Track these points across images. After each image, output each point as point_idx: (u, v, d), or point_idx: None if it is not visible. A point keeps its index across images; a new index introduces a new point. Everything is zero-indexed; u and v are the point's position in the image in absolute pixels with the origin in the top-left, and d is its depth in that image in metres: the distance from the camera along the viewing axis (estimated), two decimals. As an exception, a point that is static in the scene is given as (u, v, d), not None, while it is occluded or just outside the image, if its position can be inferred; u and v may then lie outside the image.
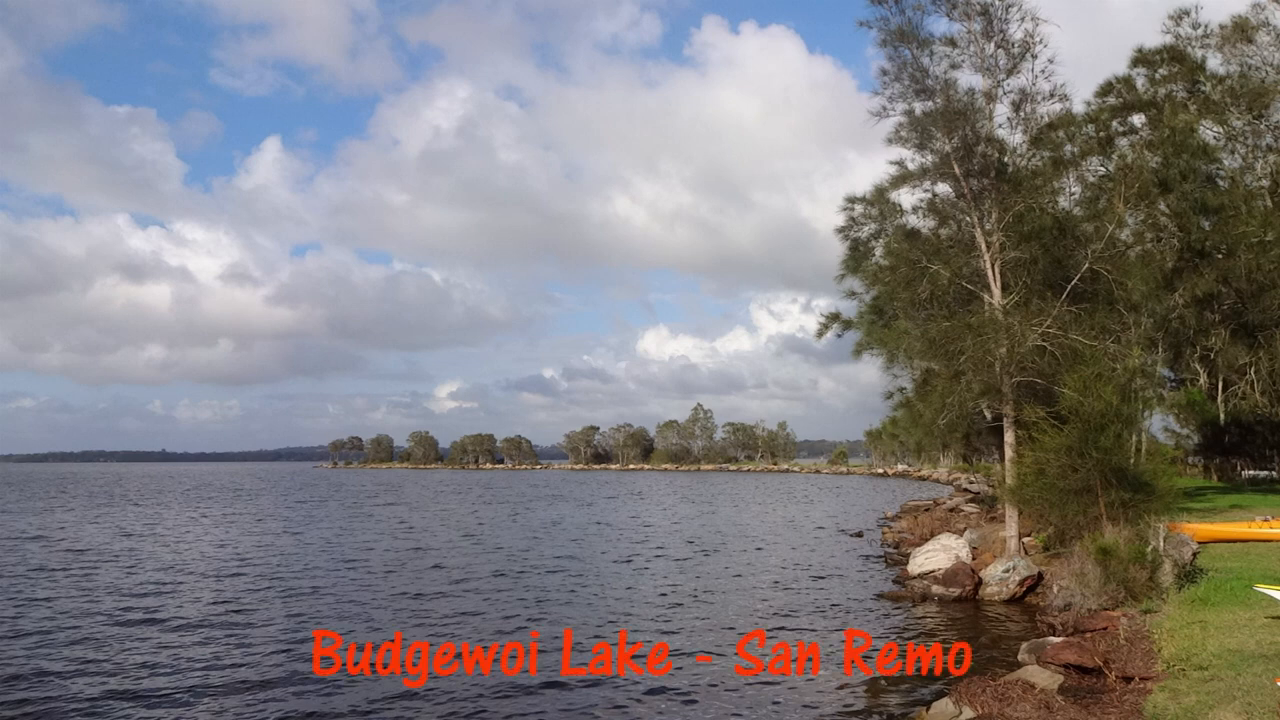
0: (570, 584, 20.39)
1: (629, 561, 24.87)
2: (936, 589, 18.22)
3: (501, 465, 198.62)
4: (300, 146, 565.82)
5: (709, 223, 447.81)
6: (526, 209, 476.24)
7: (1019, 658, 11.61)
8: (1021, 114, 19.92)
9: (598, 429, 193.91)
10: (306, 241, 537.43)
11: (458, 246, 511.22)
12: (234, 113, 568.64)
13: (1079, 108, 22.45)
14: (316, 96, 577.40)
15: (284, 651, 13.46)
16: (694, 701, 10.91)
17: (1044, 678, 9.76)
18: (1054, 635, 12.59)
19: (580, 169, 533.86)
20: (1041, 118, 20.14)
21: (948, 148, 19.44)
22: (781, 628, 15.40)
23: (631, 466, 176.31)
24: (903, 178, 20.85)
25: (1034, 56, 19.38)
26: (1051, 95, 19.73)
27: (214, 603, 17.80)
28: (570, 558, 25.70)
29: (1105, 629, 12.26)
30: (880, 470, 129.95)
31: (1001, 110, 19.85)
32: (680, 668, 12.58)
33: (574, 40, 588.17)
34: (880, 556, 25.63)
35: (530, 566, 23.59)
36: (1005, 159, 19.81)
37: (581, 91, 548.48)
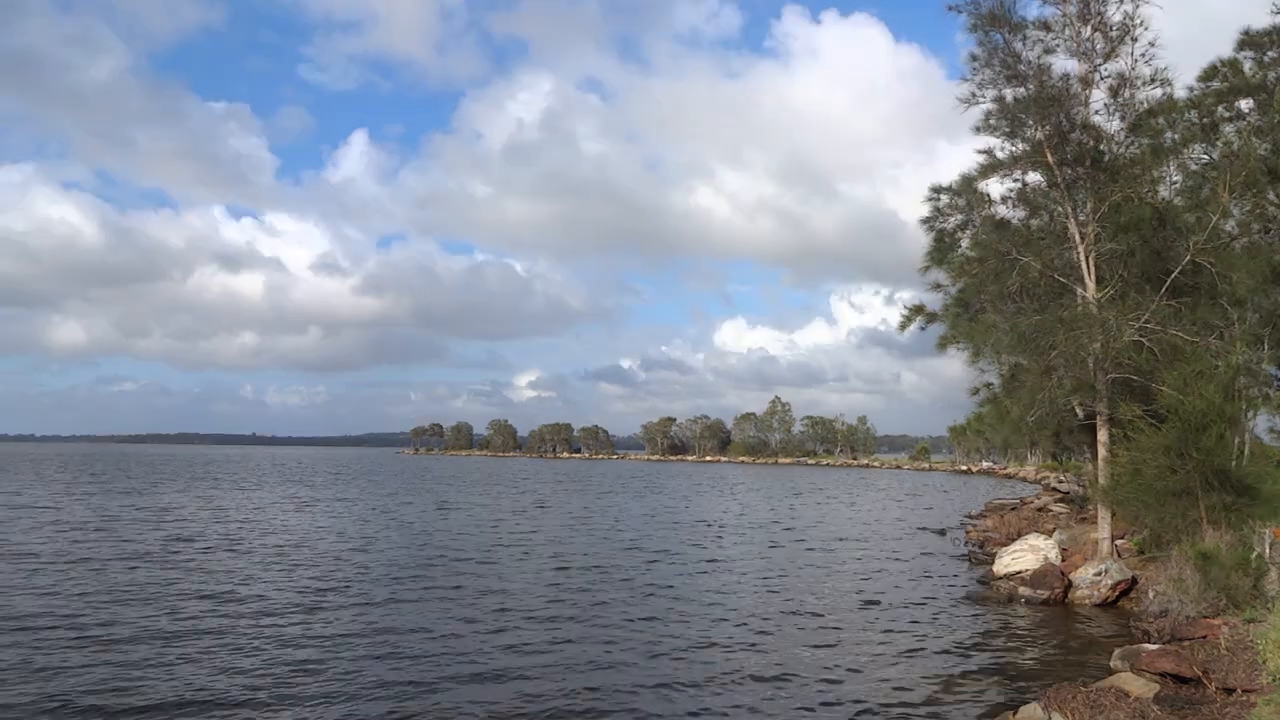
0: (676, 575, 20.50)
1: (706, 557, 24.90)
2: (1023, 590, 17.76)
3: (579, 455, 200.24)
4: (387, 140, 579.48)
5: (792, 213, 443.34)
6: (608, 200, 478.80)
7: (1111, 664, 11.23)
8: (1119, 100, 19.15)
9: (674, 420, 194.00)
10: (392, 233, 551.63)
11: (539, 237, 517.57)
12: (322, 107, 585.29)
13: (1181, 93, 21.46)
14: (403, 91, 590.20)
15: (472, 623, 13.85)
16: (775, 695, 10.86)
17: (1139, 686, 9.43)
18: (1149, 642, 12.16)
19: (662, 160, 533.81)
20: (1140, 104, 19.31)
21: (1040, 135, 18.87)
22: (864, 626, 15.24)
23: (708, 458, 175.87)
24: (992, 167, 20.30)
25: (1133, 40, 18.62)
26: (1152, 80, 18.92)
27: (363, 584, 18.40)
28: (669, 551, 25.83)
29: (1204, 637, 11.78)
30: (964, 467, 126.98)
31: (1098, 96, 19.13)
32: (760, 659, 12.56)
33: (655, 32, 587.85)
34: (964, 556, 25.11)
35: (633, 561, 23.78)
36: (1101, 147, 19.10)
37: (663, 83, 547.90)
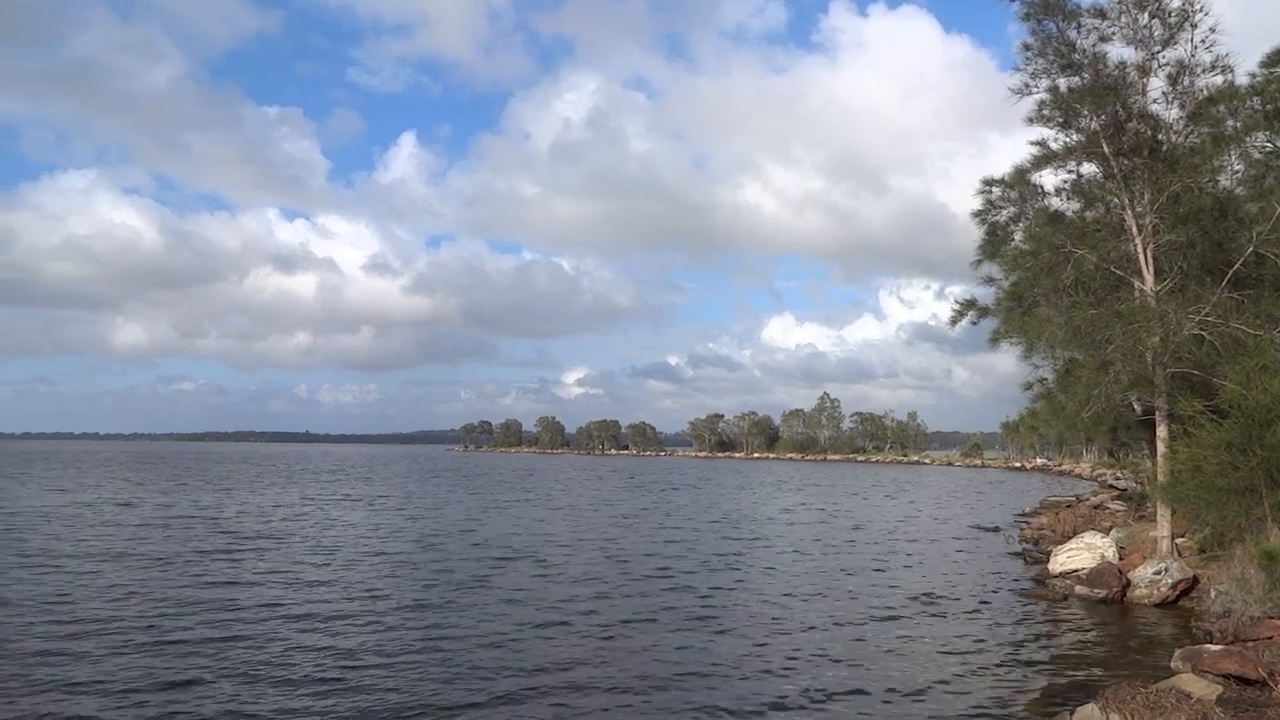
0: (737, 577, 20.54)
1: (745, 549, 24.85)
2: (1080, 589, 17.48)
3: (626, 452, 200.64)
4: (435, 142, 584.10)
5: (840, 208, 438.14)
6: (655, 198, 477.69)
7: (1172, 665, 11.01)
8: (1178, 88, 18.69)
9: (722, 417, 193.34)
10: (442, 233, 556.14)
11: (587, 236, 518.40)
12: (372, 110, 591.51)
13: (1243, 79, 20.82)
14: (452, 93, 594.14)
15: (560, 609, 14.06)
16: (828, 691, 10.84)
17: (1200, 687, 9.25)
18: (1211, 643, 11.90)
19: (709, 157, 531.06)
20: (1200, 91, 18.82)
21: (1095, 125, 18.49)
22: (916, 624, 15.14)
23: (756, 455, 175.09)
24: (1045, 158, 19.94)
25: (1193, 26, 18.16)
26: (1213, 67, 18.43)
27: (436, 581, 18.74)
28: (735, 555, 25.85)
29: (1270, 639, 11.50)
30: (1017, 464, 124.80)
31: (1156, 84, 18.69)
32: (815, 656, 12.53)
33: (701, 29, 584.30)
34: (1018, 554, 24.77)
35: (696, 560, 23.86)
36: (1160, 136, 18.66)
37: (709, 80, 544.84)
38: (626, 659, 12.39)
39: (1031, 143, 19.88)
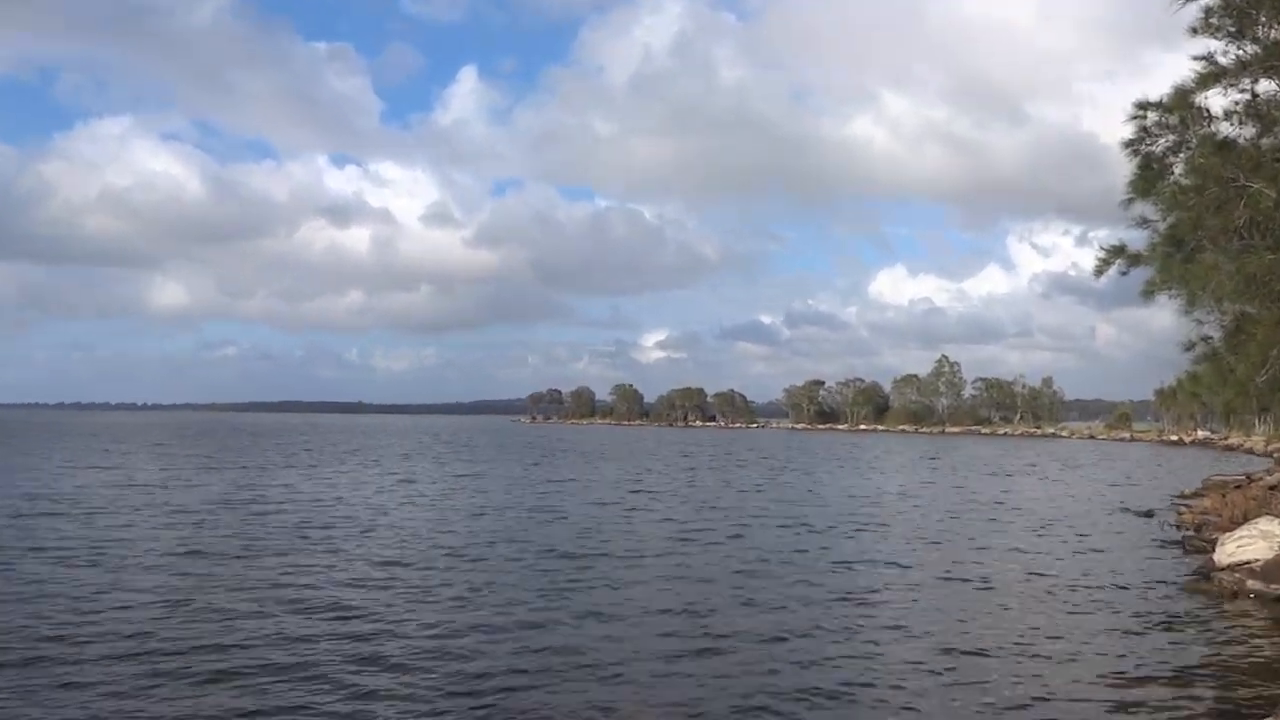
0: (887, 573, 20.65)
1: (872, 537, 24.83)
2: (1253, 584, 17.01)
3: (712, 423, 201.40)
4: (499, 77, 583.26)
5: (966, 141, 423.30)
6: (748, 135, 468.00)
7: (1366, 675, 10.67)
8: (1380, -15, 17.71)
9: (823, 383, 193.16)
10: (507, 178, 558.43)
11: (670, 180, 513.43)
12: (429, 43, 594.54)
13: None
14: (517, 21, 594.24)
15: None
16: (963, 701, 10.82)
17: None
18: None
19: (811, 87, 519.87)
20: None
21: (1275, 34, 17.69)
22: (1059, 622, 14.98)
23: (862, 427, 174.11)
24: (1212, 75, 19.14)
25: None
26: None
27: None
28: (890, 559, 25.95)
29: None
30: (1174, 437, 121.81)
31: (1352, -18, 17.75)
32: (944, 663, 12.53)
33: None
34: (1176, 542, 24.21)
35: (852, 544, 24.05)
36: (1356, 45, 17.75)
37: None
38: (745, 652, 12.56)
39: (1195, 58, 19.12)
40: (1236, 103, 19.32)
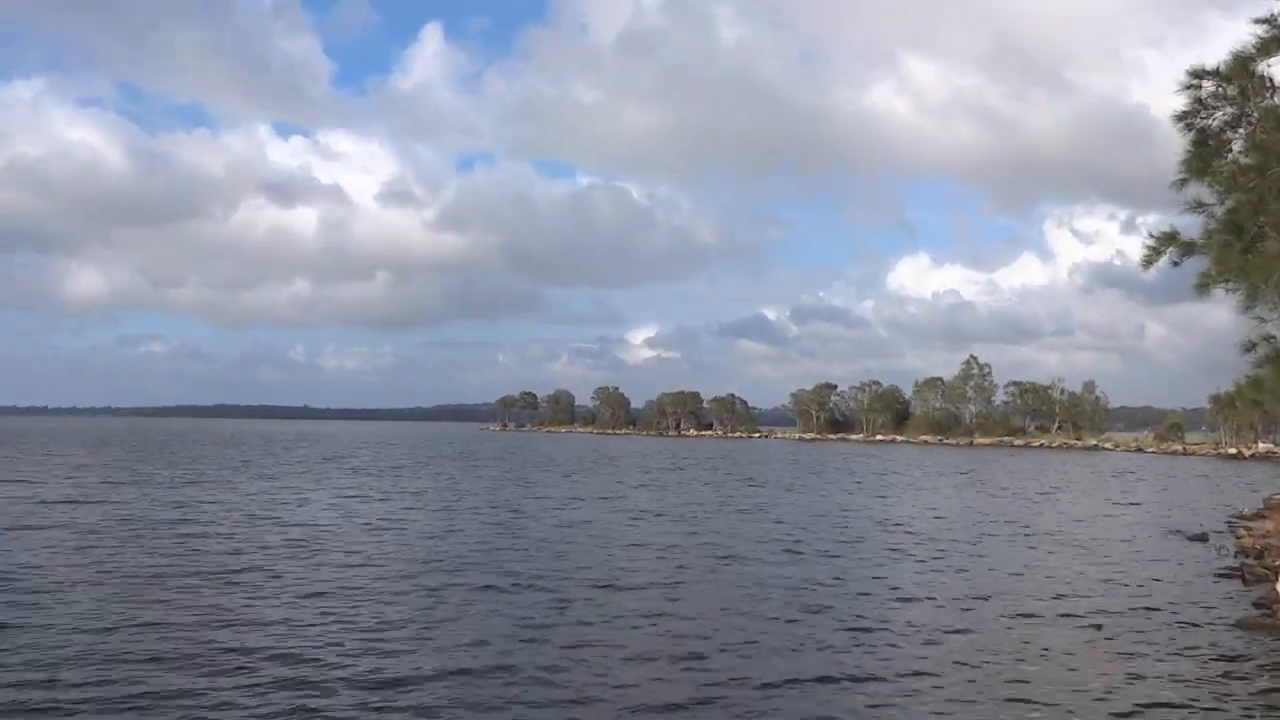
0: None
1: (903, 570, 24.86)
2: (1319, 620, 17.07)
3: (709, 432, 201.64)
4: (468, 37, 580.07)
5: (998, 113, 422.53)
6: (751, 104, 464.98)
7: None
8: None
9: (835, 387, 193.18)
10: (476, 152, 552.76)
11: (662, 155, 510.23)
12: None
13: None
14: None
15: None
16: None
17: None
18: None
19: (824, 49, 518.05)
20: None
21: (1349, -7, 17.77)
22: (1104, 662, 15.03)
23: (879, 437, 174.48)
24: (1275, 40, 19.26)
25: None
26: None
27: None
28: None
29: None
30: (1232, 450, 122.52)
31: None
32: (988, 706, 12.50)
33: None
34: (1234, 570, 24.29)
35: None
36: None
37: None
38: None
39: (1257, 20, 19.21)
40: (1304, 71, 19.44)
